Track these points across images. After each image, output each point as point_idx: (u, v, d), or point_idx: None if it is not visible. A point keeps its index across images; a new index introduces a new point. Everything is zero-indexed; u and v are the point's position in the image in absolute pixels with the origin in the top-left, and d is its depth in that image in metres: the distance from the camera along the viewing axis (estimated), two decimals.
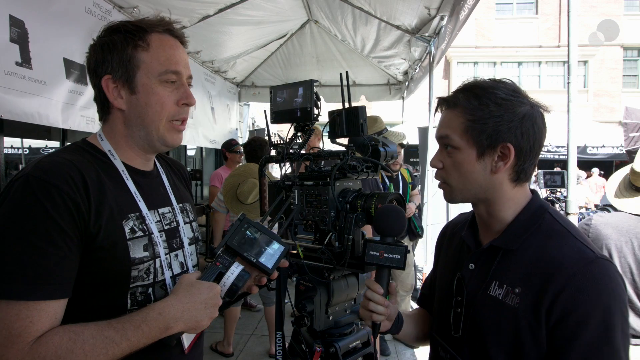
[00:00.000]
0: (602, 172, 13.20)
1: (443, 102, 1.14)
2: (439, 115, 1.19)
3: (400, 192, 4.29)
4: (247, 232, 1.12)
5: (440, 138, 1.14)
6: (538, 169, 4.29)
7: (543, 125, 1.08)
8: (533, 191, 1.15)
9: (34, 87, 2.70)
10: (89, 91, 3.27)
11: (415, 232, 4.59)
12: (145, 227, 1.12)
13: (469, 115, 1.06)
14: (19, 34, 2.59)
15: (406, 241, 4.45)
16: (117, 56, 1.10)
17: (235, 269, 1.08)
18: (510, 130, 1.04)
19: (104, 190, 1.05)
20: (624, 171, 2.57)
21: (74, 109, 3.12)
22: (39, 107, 2.76)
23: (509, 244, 1.08)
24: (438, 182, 1.19)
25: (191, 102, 1.19)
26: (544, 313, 0.98)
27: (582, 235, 1.04)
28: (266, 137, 1.54)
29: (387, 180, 4.23)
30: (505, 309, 1.03)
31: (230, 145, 5.00)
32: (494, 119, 1.04)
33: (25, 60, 2.64)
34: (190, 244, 1.28)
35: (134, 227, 1.09)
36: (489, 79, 1.10)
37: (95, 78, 1.13)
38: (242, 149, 4.81)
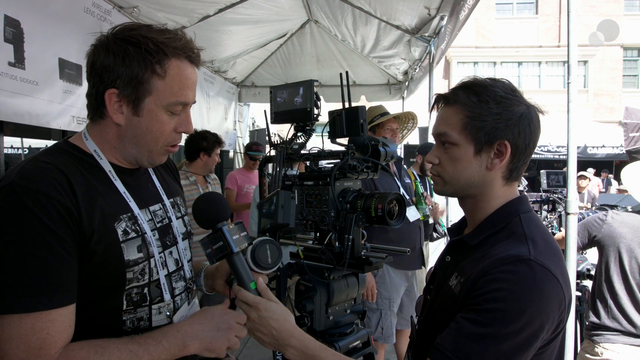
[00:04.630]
0: (605, 170, 13.14)
1: (441, 99, 1.14)
2: (435, 113, 1.18)
3: (428, 192, 4.06)
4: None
5: (438, 135, 1.14)
6: (539, 170, 4.25)
7: (538, 126, 1.10)
8: (521, 194, 1.16)
9: (26, 87, 2.69)
10: (82, 91, 3.24)
11: (440, 232, 4.24)
12: (137, 227, 1.10)
13: (468, 112, 1.07)
14: (14, 34, 2.59)
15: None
16: (130, 74, 1.03)
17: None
18: (508, 128, 1.05)
19: (92, 193, 1.02)
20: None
21: (65, 109, 3.09)
22: (30, 107, 2.74)
23: (471, 240, 1.12)
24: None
25: (189, 130, 1.16)
26: (464, 295, 1.01)
27: (538, 242, 1.02)
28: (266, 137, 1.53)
29: (418, 178, 4.03)
30: (452, 296, 1.06)
31: (248, 147, 5.05)
32: (493, 116, 1.05)
33: (19, 61, 2.63)
34: (183, 239, 1.26)
35: (127, 229, 1.07)
36: (487, 78, 1.11)
37: (99, 82, 1.06)
38: (260, 155, 4.80)
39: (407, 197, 3.24)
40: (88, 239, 0.99)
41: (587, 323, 2.55)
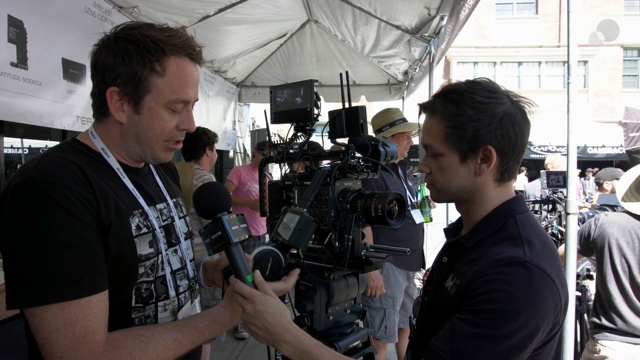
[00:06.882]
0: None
1: (423, 109, 1.16)
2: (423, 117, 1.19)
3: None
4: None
5: (424, 146, 1.15)
6: (539, 170, 4.24)
7: (525, 122, 1.08)
8: (517, 194, 1.15)
9: (28, 87, 2.68)
10: (85, 91, 3.24)
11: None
12: (149, 223, 1.12)
13: (448, 122, 1.07)
14: (17, 34, 2.59)
15: None
16: (129, 72, 1.04)
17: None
18: (489, 133, 1.04)
19: (106, 188, 1.04)
20: (635, 171, 2.57)
21: (69, 109, 3.09)
22: (33, 107, 2.74)
23: (467, 242, 1.12)
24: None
25: (191, 128, 1.16)
26: (460, 297, 1.01)
27: (534, 243, 1.01)
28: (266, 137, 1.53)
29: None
30: (447, 298, 1.06)
31: (262, 144, 4.88)
32: (472, 124, 1.04)
33: (21, 61, 2.63)
34: (185, 239, 1.28)
35: (139, 224, 1.09)
36: (466, 81, 1.10)
37: (101, 81, 1.07)
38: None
39: (413, 200, 3.27)
40: (107, 231, 1.01)
41: (589, 324, 2.60)
